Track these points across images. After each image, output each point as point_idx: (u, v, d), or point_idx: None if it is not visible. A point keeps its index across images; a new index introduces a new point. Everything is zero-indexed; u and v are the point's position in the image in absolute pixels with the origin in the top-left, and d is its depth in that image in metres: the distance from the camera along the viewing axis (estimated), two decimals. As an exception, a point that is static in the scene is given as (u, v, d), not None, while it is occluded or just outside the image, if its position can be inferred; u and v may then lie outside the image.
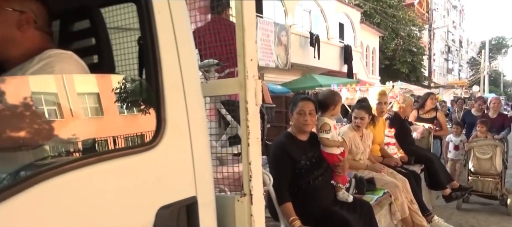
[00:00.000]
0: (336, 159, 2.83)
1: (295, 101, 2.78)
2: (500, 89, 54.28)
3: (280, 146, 2.71)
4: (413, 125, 5.79)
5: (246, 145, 1.30)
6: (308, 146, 2.82)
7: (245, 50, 1.28)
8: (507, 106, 33.31)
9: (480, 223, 5.42)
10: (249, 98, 1.29)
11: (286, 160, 2.65)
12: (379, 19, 25.28)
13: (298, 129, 2.77)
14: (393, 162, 4.23)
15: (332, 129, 2.83)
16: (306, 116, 2.68)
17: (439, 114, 6.27)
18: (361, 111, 3.77)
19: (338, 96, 2.97)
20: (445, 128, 6.44)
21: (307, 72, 17.01)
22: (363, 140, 3.90)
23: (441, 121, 6.22)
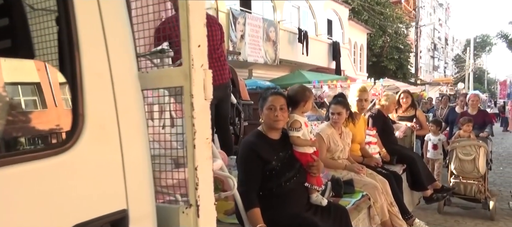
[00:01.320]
0: (310, 159, 2.59)
1: (265, 96, 2.52)
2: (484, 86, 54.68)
3: (249, 145, 2.47)
4: (396, 123, 5.52)
5: (191, 146, 1.07)
6: (280, 145, 2.56)
7: (190, 33, 1.05)
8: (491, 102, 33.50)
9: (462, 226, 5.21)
10: (195, 91, 1.06)
11: (256, 161, 2.39)
12: (367, 16, 25.15)
13: (268, 126, 2.52)
14: (373, 162, 3.97)
15: (303, 126, 2.59)
16: (277, 111, 2.44)
17: (418, 112, 5.97)
18: (337, 106, 3.55)
19: (309, 91, 2.74)
20: (425, 127, 6.09)
21: (296, 68, 16.83)
22: (342, 137, 3.66)
23: (420, 120, 5.90)
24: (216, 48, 3.39)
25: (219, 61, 3.40)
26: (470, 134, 5.68)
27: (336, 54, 18.96)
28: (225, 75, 3.47)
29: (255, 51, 14.08)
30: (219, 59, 3.41)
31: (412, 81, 26.93)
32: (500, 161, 10.01)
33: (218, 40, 3.45)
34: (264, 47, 14.44)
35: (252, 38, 13.80)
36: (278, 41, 15.17)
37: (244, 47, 13.49)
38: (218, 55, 3.41)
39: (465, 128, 5.69)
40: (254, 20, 13.99)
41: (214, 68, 3.32)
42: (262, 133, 2.55)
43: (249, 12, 14.17)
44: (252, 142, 2.49)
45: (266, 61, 14.65)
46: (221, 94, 3.41)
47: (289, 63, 16.60)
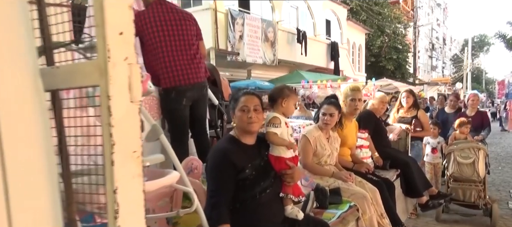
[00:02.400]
0: (284, 165, 2.28)
1: (237, 97, 2.24)
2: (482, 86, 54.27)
3: (221, 152, 2.17)
4: (390, 125, 5.10)
5: (109, 163, 0.81)
6: (254, 152, 2.27)
7: (105, 16, 0.79)
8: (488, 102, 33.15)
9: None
10: (113, 91, 0.80)
11: (228, 169, 2.09)
12: (365, 16, 24.89)
13: (242, 130, 2.24)
14: (364, 168, 3.60)
15: (283, 125, 2.32)
16: (251, 113, 2.16)
17: (420, 112, 5.45)
18: (330, 107, 3.22)
19: (288, 89, 2.47)
20: (427, 128, 5.46)
21: (294, 69, 16.63)
22: (330, 141, 3.32)
23: (422, 121, 5.40)
24: (191, 44, 3.09)
25: (194, 58, 3.09)
26: (467, 136, 5.30)
27: (334, 55, 18.73)
28: (201, 74, 3.15)
29: (253, 51, 13.87)
30: (194, 56, 3.09)
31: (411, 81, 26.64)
32: (498, 161, 9.75)
33: (193, 36, 3.12)
34: (263, 47, 14.23)
35: (250, 39, 13.58)
36: (277, 41, 14.94)
37: (243, 47, 13.27)
38: (194, 52, 3.10)
39: (461, 129, 5.29)
40: (253, 21, 13.77)
41: (188, 66, 3.00)
42: (235, 138, 2.26)
43: (248, 13, 13.94)
44: (224, 148, 2.20)
45: (264, 61, 14.43)
46: (196, 95, 3.13)
47: (287, 63, 16.38)
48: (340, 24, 20.56)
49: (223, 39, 12.64)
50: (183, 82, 2.96)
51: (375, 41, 25.73)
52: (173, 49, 2.96)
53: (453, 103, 6.70)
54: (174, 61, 2.96)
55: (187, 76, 3.00)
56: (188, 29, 3.07)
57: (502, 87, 13.13)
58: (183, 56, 3.00)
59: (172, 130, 3.08)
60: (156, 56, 2.94)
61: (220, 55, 12.58)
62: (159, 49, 2.94)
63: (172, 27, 2.98)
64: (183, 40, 3.02)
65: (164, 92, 3.00)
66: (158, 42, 2.93)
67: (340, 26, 20.58)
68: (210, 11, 12.28)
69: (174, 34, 2.98)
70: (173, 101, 2.98)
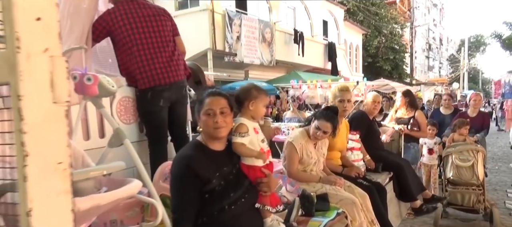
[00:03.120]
0: (259, 174, 2.04)
1: (201, 99, 1.98)
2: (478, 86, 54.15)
3: (183, 160, 1.90)
4: (383, 126, 4.89)
5: (21, 178, 0.65)
6: (224, 158, 2.01)
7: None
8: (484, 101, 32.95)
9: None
10: (25, 90, 0.65)
11: (192, 180, 1.84)
12: (362, 17, 24.79)
13: (208, 136, 1.97)
14: (354, 172, 3.35)
15: (252, 132, 2.06)
16: (217, 117, 1.90)
17: (418, 113, 5.25)
18: (327, 124, 2.91)
19: (256, 90, 2.14)
20: (424, 129, 5.22)
21: (292, 69, 16.51)
22: (316, 148, 3.07)
23: (420, 121, 5.18)
24: (168, 41, 2.85)
25: (173, 56, 2.86)
26: (466, 137, 4.99)
27: (332, 55, 18.60)
28: (179, 72, 2.90)
29: (251, 52, 13.74)
30: (173, 53, 2.86)
31: (408, 82, 26.53)
32: (495, 161, 9.61)
33: (169, 32, 2.89)
34: (260, 48, 14.10)
35: (248, 39, 13.45)
36: (274, 42, 14.82)
37: (240, 48, 13.14)
38: (171, 49, 2.87)
39: (460, 130, 4.98)
40: (250, 21, 13.64)
41: (167, 64, 2.79)
42: (201, 144, 2.00)
43: (245, 14, 13.80)
44: (187, 156, 1.93)
45: (262, 62, 14.30)
46: (175, 95, 2.89)
47: (285, 64, 16.26)
48: (337, 24, 20.43)
49: (221, 40, 12.51)
50: (162, 82, 2.75)
51: (372, 42, 25.62)
52: (149, 47, 2.74)
53: (447, 103, 6.38)
54: (152, 59, 2.74)
55: (166, 75, 2.78)
56: (163, 25, 2.85)
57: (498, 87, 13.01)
58: (160, 54, 2.78)
59: (150, 133, 2.88)
60: (131, 56, 2.73)
61: (218, 56, 12.44)
62: (134, 48, 2.72)
63: (146, 23, 2.76)
64: (159, 37, 2.80)
65: (140, 93, 2.80)
66: (132, 41, 2.71)
67: (337, 26, 20.45)
68: (208, 12, 12.15)
69: (149, 31, 2.76)
70: (150, 102, 2.77)
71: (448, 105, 6.35)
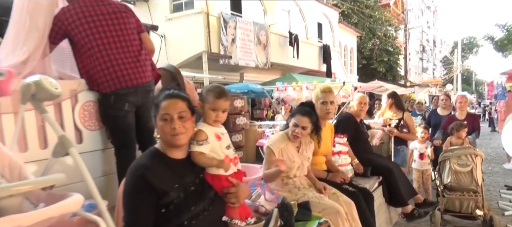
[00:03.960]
0: (225, 183, 1.86)
1: (157, 102, 1.76)
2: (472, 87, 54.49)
3: (137, 171, 1.67)
4: (371, 129, 4.68)
5: None
6: (185, 168, 1.80)
7: None
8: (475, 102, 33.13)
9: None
10: None
11: (145, 194, 1.62)
12: (357, 19, 24.82)
13: (167, 143, 1.76)
14: (339, 178, 3.11)
15: (213, 139, 1.87)
16: (174, 122, 1.69)
17: (406, 115, 5.10)
18: (304, 118, 2.71)
19: (206, 91, 1.92)
20: (412, 131, 5.07)
21: (287, 71, 16.49)
22: (300, 151, 2.83)
23: (408, 123, 5.03)
24: (132, 39, 2.60)
25: (139, 55, 2.60)
26: (464, 140, 4.79)
27: (326, 57, 18.61)
28: (146, 74, 2.63)
29: (246, 54, 13.72)
30: (139, 53, 2.60)
31: (402, 83, 26.64)
32: (488, 161, 9.66)
33: (133, 30, 2.63)
34: (255, 50, 14.08)
35: (243, 42, 13.43)
36: (269, 44, 14.80)
37: (235, 51, 13.12)
38: (136, 48, 2.60)
39: (458, 133, 4.77)
40: (245, 24, 13.61)
41: (133, 64, 2.54)
42: (159, 152, 1.78)
43: (240, 16, 13.78)
44: (141, 165, 1.70)
45: (257, 64, 14.27)
46: (141, 99, 2.61)
47: (280, 66, 16.25)
48: (332, 27, 20.45)
49: (216, 42, 12.48)
50: (129, 84, 2.51)
51: (366, 44, 25.66)
52: (111, 47, 2.49)
53: (445, 103, 6.17)
54: (115, 60, 2.49)
55: (132, 77, 2.52)
56: (126, 22, 2.59)
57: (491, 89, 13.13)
58: (125, 54, 2.53)
59: (115, 140, 2.61)
60: (92, 57, 2.47)
61: (213, 59, 12.41)
62: (95, 49, 2.46)
63: (106, 21, 2.50)
64: (122, 35, 2.54)
65: (102, 97, 2.53)
66: (92, 41, 2.45)
67: (332, 29, 20.47)
68: (202, 15, 12.12)
69: (110, 30, 2.50)
70: (113, 107, 2.51)
71: (445, 106, 6.14)
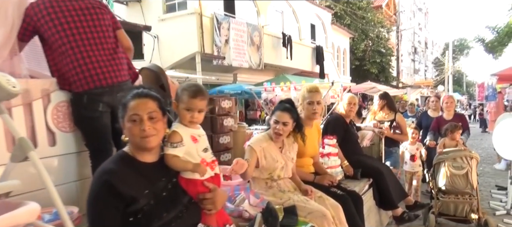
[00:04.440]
0: (201, 189, 1.73)
1: (125, 102, 1.62)
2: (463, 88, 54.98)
3: (102, 176, 1.52)
4: (361, 130, 4.57)
5: None
6: (157, 172, 1.65)
7: None
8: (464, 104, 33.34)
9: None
10: None
11: (112, 200, 1.48)
12: (349, 20, 24.90)
13: (136, 146, 1.61)
14: (327, 181, 2.98)
15: (188, 141, 1.74)
16: (144, 123, 1.56)
17: (398, 116, 5.00)
18: (284, 114, 2.60)
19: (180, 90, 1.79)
20: (405, 132, 4.95)
21: (280, 72, 16.49)
22: (283, 151, 2.70)
23: (400, 124, 4.93)
24: (107, 36, 2.46)
25: (115, 53, 2.46)
26: (458, 142, 4.67)
27: (319, 58, 18.62)
28: (122, 72, 2.47)
29: (239, 55, 13.68)
30: (114, 50, 2.46)
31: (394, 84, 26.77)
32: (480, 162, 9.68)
33: (108, 26, 2.49)
34: (249, 51, 14.04)
35: (236, 43, 13.39)
36: (262, 45, 14.77)
37: (229, 51, 13.07)
38: (112, 46, 2.46)
39: (452, 135, 4.63)
40: (238, 25, 13.57)
41: (108, 62, 2.40)
42: (128, 156, 1.63)
43: (233, 17, 13.75)
44: (108, 170, 1.54)
45: (250, 65, 14.23)
46: (117, 99, 2.43)
47: (273, 67, 16.23)
48: (325, 28, 20.48)
49: (209, 43, 12.43)
50: (103, 83, 2.36)
51: (359, 45, 25.76)
52: (84, 43, 2.33)
53: (435, 104, 6.09)
54: (88, 58, 2.33)
55: (107, 75, 2.37)
56: (100, 18, 2.44)
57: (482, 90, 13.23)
58: (99, 52, 2.38)
59: (89, 143, 2.44)
60: (64, 54, 2.31)
61: (206, 59, 12.36)
62: (67, 45, 2.30)
63: (78, 17, 2.33)
64: (96, 32, 2.39)
65: (74, 97, 2.38)
66: (64, 37, 2.29)
67: (325, 30, 20.50)
68: (196, 15, 12.06)
69: (83, 26, 2.34)
70: (86, 108, 2.35)
71: (436, 107, 6.08)
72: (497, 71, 10.51)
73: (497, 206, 5.49)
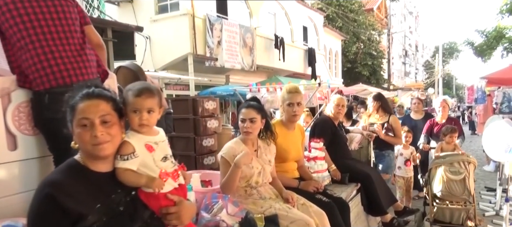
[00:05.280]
0: (164, 202, 1.53)
1: (73, 104, 1.41)
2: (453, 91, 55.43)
3: (45, 189, 1.31)
4: (350, 133, 4.40)
5: None
6: (112, 184, 1.45)
7: None
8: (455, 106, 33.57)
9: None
10: None
11: (55, 217, 1.27)
12: (341, 23, 24.97)
13: (88, 154, 1.41)
14: (312, 187, 2.80)
15: (142, 150, 1.51)
16: (96, 129, 1.37)
17: (392, 118, 4.78)
18: (250, 110, 2.43)
19: (136, 90, 1.56)
20: (399, 135, 4.73)
21: (273, 74, 16.43)
22: (258, 155, 2.51)
23: (394, 127, 4.71)
24: (73, 30, 2.23)
25: (81, 49, 2.23)
26: (455, 146, 4.44)
27: (312, 60, 18.62)
28: (90, 70, 2.25)
29: (232, 57, 13.59)
30: (81, 46, 2.24)
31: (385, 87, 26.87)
32: (469, 164, 9.75)
33: (74, 20, 2.27)
34: (241, 53, 13.96)
35: (229, 44, 13.30)
36: (255, 47, 14.70)
37: (221, 53, 12.98)
38: (78, 41, 2.24)
39: (448, 139, 4.44)
40: (231, 26, 13.49)
41: (73, 59, 2.17)
42: (79, 165, 1.43)
43: (226, 18, 13.67)
44: (51, 183, 1.33)
45: (243, 67, 14.15)
46: None
47: (266, 69, 16.16)
48: (317, 30, 20.47)
49: (202, 44, 12.32)
50: (67, 81, 2.12)
51: (351, 48, 25.83)
52: (46, 37, 2.11)
53: (417, 106, 6.00)
54: (51, 53, 2.11)
55: (72, 72, 2.14)
56: (65, 11, 2.20)
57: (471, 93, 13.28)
58: (63, 47, 2.15)
59: (53, 149, 2.19)
60: (23, 49, 2.10)
61: (198, 61, 12.25)
62: (26, 39, 2.08)
63: (40, 9, 2.11)
64: (60, 25, 2.16)
65: (34, 96, 2.13)
66: (23, 30, 2.07)
67: (317, 32, 20.49)
68: (188, 17, 11.95)
69: (45, 19, 2.12)
70: (48, 109, 2.09)
71: (418, 109, 6.00)
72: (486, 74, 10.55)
73: (487, 207, 5.49)
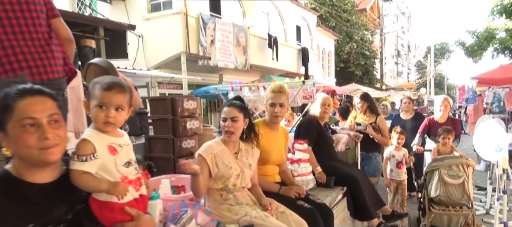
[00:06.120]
0: (119, 216, 1.31)
1: (7, 103, 1.19)
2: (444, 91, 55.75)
3: None
4: (336, 134, 4.22)
5: None
6: (53, 196, 1.23)
7: None
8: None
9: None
10: None
11: None
12: (334, 23, 24.96)
13: (30, 161, 1.20)
14: (293, 192, 2.60)
15: (104, 152, 1.32)
16: (45, 130, 1.17)
17: (379, 119, 4.65)
18: (232, 109, 2.29)
19: (105, 83, 1.37)
20: (385, 135, 4.57)
21: (266, 73, 16.37)
22: (239, 157, 2.35)
23: (381, 127, 4.58)
24: (38, 24, 2.02)
25: (47, 45, 2.03)
26: (453, 148, 4.27)
27: (305, 60, 18.58)
28: (56, 68, 2.05)
29: (225, 56, 13.49)
30: (47, 41, 2.04)
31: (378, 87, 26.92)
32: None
33: (40, 13, 2.05)
34: (235, 52, 13.86)
35: (222, 43, 13.20)
36: (248, 46, 14.61)
37: (215, 52, 12.87)
38: (44, 36, 2.04)
39: (442, 140, 4.28)
40: (224, 25, 13.38)
41: (36, 54, 1.99)
42: (10, 176, 1.21)
43: (219, 17, 13.57)
44: None
45: (236, 66, 14.05)
46: None
47: (259, 68, 16.08)
48: (310, 30, 20.43)
49: (195, 43, 12.21)
50: (30, 79, 1.85)
51: (344, 47, 25.84)
52: (6, 30, 1.89)
53: (407, 106, 5.84)
54: (12, 48, 1.89)
55: (36, 70, 1.94)
56: (30, 2, 1.99)
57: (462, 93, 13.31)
58: (26, 42, 1.94)
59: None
60: None
61: (192, 60, 12.13)
62: None
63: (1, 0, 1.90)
64: (23, 18, 1.94)
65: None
66: None
67: (310, 32, 20.45)
68: (181, 15, 11.82)
69: (6, 9, 1.90)
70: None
71: (408, 109, 5.85)
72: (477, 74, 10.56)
73: (477, 206, 5.46)
